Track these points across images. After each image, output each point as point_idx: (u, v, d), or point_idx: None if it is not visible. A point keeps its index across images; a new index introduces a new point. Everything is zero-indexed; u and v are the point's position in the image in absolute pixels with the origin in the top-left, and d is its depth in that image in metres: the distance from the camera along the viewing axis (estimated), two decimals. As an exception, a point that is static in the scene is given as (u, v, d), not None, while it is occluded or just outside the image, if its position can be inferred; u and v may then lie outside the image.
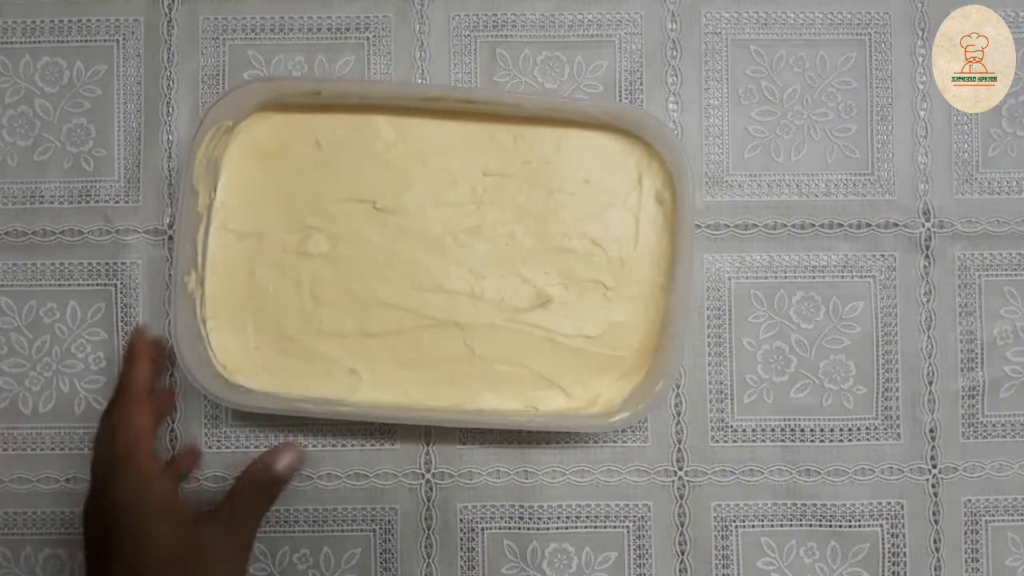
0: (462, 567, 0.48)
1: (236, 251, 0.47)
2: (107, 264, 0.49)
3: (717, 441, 0.49)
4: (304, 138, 0.48)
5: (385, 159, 0.48)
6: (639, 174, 0.48)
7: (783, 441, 0.49)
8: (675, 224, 0.47)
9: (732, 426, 0.49)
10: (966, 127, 0.50)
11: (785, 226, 0.49)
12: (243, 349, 0.47)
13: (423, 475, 0.49)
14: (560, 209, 0.48)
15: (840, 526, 0.48)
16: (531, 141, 0.48)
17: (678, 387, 0.49)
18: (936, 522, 0.49)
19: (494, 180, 0.48)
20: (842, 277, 0.49)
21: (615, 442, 0.49)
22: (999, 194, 0.50)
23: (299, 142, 0.48)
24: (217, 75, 0.49)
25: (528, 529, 0.48)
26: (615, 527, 0.49)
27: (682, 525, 0.49)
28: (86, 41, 0.50)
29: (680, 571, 0.48)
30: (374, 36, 0.50)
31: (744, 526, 0.48)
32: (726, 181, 0.49)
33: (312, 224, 0.47)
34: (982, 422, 0.49)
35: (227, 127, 0.46)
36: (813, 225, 0.49)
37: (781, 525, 0.49)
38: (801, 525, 0.48)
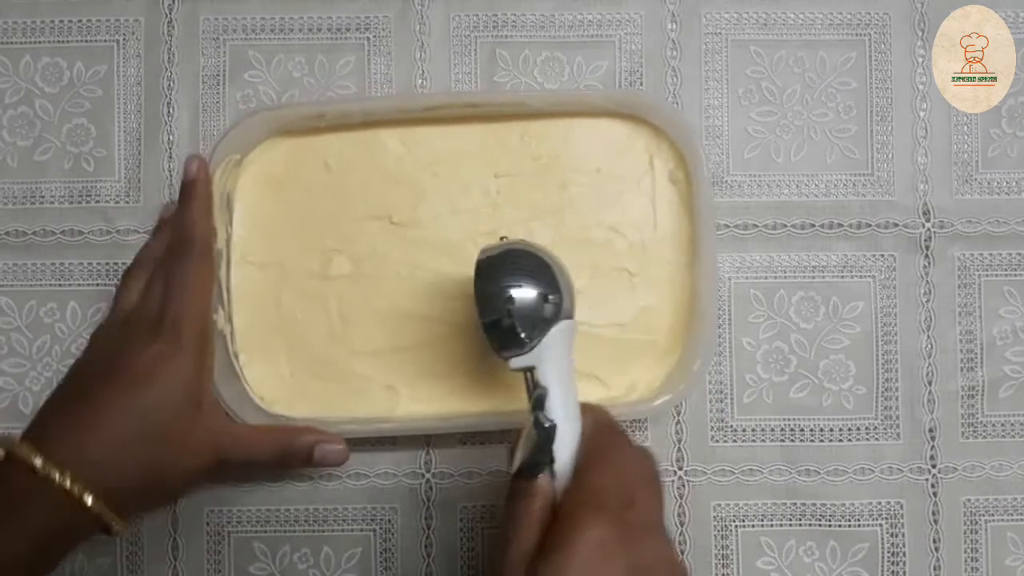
0: (462, 566, 0.48)
1: (259, 282, 0.47)
2: (107, 264, 0.49)
3: (717, 441, 0.49)
4: (313, 162, 0.48)
5: (395, 173, 0.48)
6: (649, 156, 0.48)
7: (783, 441, 0.49)
8: (692, 202, 0.47)
9: (732, 426, 0.49)
10: (966, 127, 0.50)
11: (785, 226, 0.49)
12: (278, 379, 0.47)
13: (423, 475, 0.49)
14: (575, 201, 0.48)
15: (839, 526, 0.48)
16: (538, 137, 0.48)
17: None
18: (935, 522, 0.49)
19: (506, 181, 0.48)
20: (842, 277, 0.49)
21: (615, 442, 0.49)
22: (999, 194, 0.50)
23: (308, 166, 0.48)
24: (217, 75, 0.49)
25: (528, 529, 0.48)
26: (615, 527, 0.49)
27: (682, 525, 0.49)
28: (86, 41, 0.50)
29: (680, 571, 0.48)
30: (374, 36, 0.50)
31: (744, 526, 0.49)
32: (726, 181, 0.49)
33: (331, 247, 0.47)
34: (981, 422, 0.49)
35: (235, 161, 0.46)
36: (813, 225, 0.49)
37: (781, 525, 0.49)
38: (801, 525, 0.49)
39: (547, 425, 0.35)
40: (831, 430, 0.49)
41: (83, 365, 0.42)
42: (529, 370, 0.37)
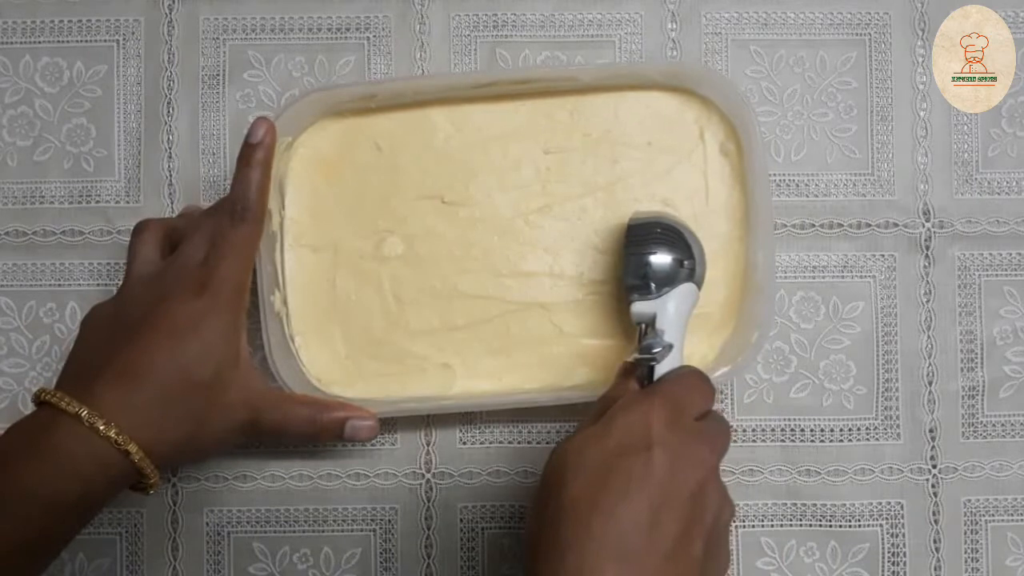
0: (462, 566, 0.48)
1: (313, 265, 0.47)
2: (108, 264, 0.49)
3: (717, 441, 0.49)
4: (363, 143, 0.48)
5: (446, 152, 0.48)
6: (700, 129, 0.48)
7: (783, 441, 0.49)
8: (745, 172, 0.47)
9: (733, 426, 0.49)
10: (966, 127, 0.50)
11: (785, 226, 0.49)
12: (334, 360, 0.47)
13: (423, 475, 0.49)
14: (626, 176, 0.48)
15: (840, 526, 0.48)
16: (587, 112, 0.48)
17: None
18: (936, 522, 0.49)
19: (557, 157, 0.48)
20: (842, 277, 0.49)
21: (615, 442, 0.49)
22: (999, 194, 0.50)
23: (359, 148, 0.48)
24: (217, 75, 0.49)
25: (528, 529, 0.48)
26: (615, 527, 0.49)
27: (682, 525, 0.48)
28: (86, 41, 0.50)
29: (680, 571, 0.48)
30: (374, 36, 0.50)
31: (744, 526, 0.48)
32: (726, 181, 0.49)
33: (384, 227, 0.48)
34: (982, 422, 0.49)
35: (287, 143, 0.46)
36: (813, 225, 0.49)
37: (781, 525, 0.49)
38: (801, 525, 0.49)
39: (657, 349, 0.38)
40: (831, 430, 0.49)
41: (115, 316, 0.42)
42: (649, 322, 0.41)
